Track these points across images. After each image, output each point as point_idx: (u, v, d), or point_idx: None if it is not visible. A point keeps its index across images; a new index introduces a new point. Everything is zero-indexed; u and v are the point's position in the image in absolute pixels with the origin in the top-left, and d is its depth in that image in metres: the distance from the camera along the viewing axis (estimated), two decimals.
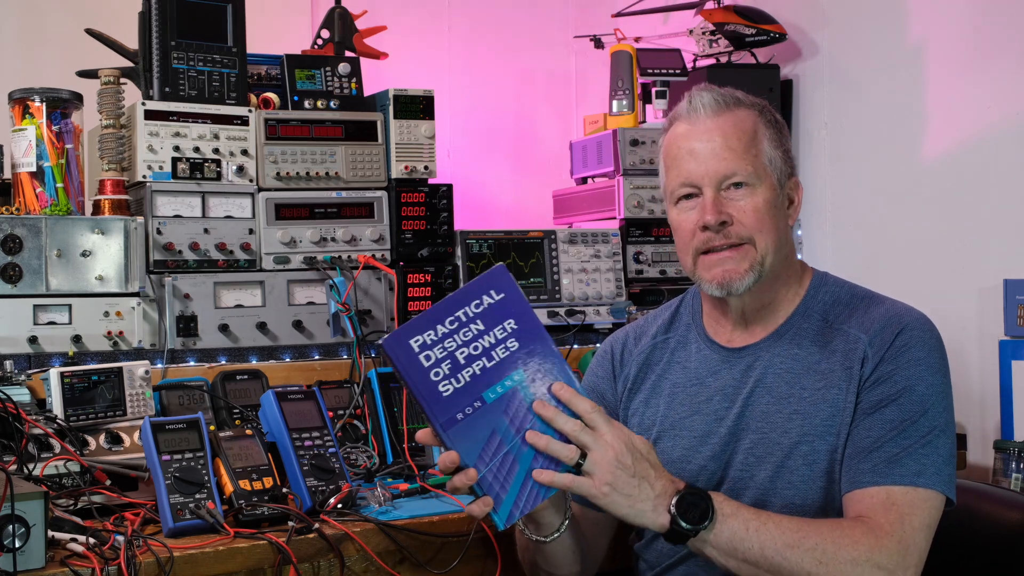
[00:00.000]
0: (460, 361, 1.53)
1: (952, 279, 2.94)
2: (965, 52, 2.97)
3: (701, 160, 1.73)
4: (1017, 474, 2.57)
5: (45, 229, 2.43)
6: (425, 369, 1.53)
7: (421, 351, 1.53)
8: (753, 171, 1.72)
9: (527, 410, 1.53)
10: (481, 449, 1.52)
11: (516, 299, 1.55)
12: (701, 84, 1.81)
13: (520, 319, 1.55)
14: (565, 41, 4.02)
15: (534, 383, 1.54)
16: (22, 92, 2.57)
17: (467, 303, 1.54)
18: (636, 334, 1.95)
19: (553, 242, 3.04)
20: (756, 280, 1.73)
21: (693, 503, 1.54)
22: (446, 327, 1.54)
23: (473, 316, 1.54)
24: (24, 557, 1.62)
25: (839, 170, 3.31)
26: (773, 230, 1.73)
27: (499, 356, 1.54)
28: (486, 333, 1.54)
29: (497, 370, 1.54)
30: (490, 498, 1.52)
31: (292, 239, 2.72)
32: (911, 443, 1.61)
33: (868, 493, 1.61)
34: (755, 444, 1.72)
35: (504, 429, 1.53)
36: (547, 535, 1.70)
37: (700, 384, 1.81)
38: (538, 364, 1.54)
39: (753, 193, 1.72)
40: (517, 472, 1.52)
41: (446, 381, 1.53)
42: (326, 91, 2.86)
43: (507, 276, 1.56)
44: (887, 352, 1.67)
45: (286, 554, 1.79)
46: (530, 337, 1.55)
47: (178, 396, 2.36)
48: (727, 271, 1.73)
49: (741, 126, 1.73)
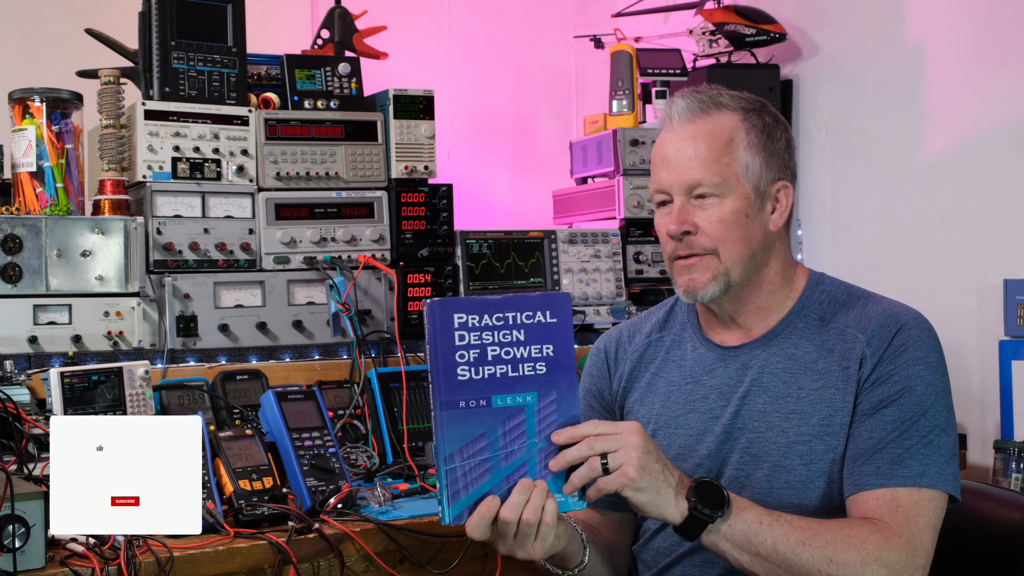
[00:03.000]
0: (488, 357, 1.54)
1: (952, 279, 2.94)
2: (965, 52, 2.96)
3: (671, 168, 1.74)
4: (1017, 474, 2.57)
5: (45, 229, 2.43)
6: (454, 347, 1.54)
7: (459, 328, 1.54)
8: (721, 180, 1.71)
9: (522, 433, 1.55)
10: (464, 445, 1.53)
11: (565, 330, 1.57)
12: (684, 89, 1.81)
13: (559, 349, 1.57)
14: (565, 41, 4.02)
15: (541, 414, 1.56)
16: (22, 92, 2.57)
17: (521, 310, 1.56)
18: (629, 332, 1.95)
19: (553, 242, 3.04)
20: (723, 290, 1.73)
21: (709, 491, 1.56)
22: (492, 320, 1.55)
23: (520, 324, 1.56)
24: (24, 557, 1.62)
25: (839, 170, 3.31)
26: (739, 240, 1.72)
27: (524, 371, 1.55)
28: (523, 345, 1.56)
29: (516, 383, 1.55)
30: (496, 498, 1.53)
31: (292, 239, 2.72)
32: (913, 443, 1.62)
33: (873, 495, 1.61)
34: (752, 444, 1.72)
35: (495, 438, 1.54)
36: (575, 567, 1.70)
37: (695, 382, 1.81)
38: (555, 398, 1.56)
39: (720, 203, 1.71)
40: (486, 481, 1.53)
41: (466, 367, 1.54)
42: (326, 91, 2.86)
43: (567, 305, 1.58)
44: (885, 352, 1.67)
45: (286, 554, 1.79)
46: (560, 370, 1.56)
47: (178, 396, 2.36)
48: (691, 279, 1.74)
49: (715, 133, 1.72)
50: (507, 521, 1.52)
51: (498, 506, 1.52)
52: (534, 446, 1.55)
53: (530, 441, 1.55)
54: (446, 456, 1.52)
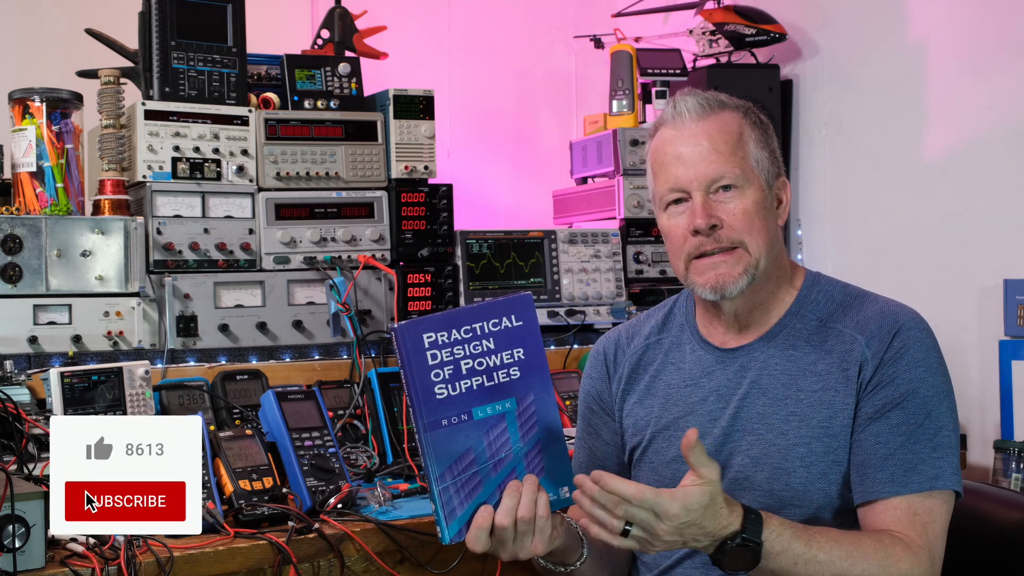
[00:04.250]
0: (462, 371, 1.55)
1: (952, 279, 2.94)
2: (965, 52, 2.97)
3: (688, 164, 1.72)
4: (1017, 474, 2.57)
5: (45, 229, 2.43)
6: (428, 367, 1.54)
7: (430, 348, 1.54)
8: (741, 173, 1.71)
9: (507, 440, 1.55)
10: (453, 462, 1.54)
11: (531, 331, 1.58)
12: (684, 89, 1.81)
13: (529, 351, 1.57)
14: (565, 41, 4.02)
15: (521, 417, 1.56)
16: (22, 92, 2.57)
17: (487, 319, 1.56)
18: (628, 334, 1.95)
19: (553, 242, 3.04)
20: (750, 282, 1.73)
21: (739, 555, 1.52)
22: (460, 334, 1.56)
23: (487, 333, 1.56)
24: (24, 557, 1.62)
25: (839, 170, 3.31)
26: (764, 231, 1.72)
27: (499, 379, 1.56)
28: (494, 353, 1.56)
29: (493, 392, 1.56)
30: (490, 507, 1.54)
31: (292, 239, 2.72)
32: (922, 447, 1.63)
33: (890, 504, 1.62)
34: (752, 446, 1.72)
35: (480, 450, 1.55)
36: (576, 561, 1.70)
37: (694, 385, 1.81)
38: (532, 399, 1.57)
39: (742, 195, 1.71)
40: (479, 495, 1.54)
41: (443, 385, 1.54)
42: (326, 91, 2.86)
43: (530, 306, 1.59)
44: (886, 355, 1.67)
45: (286, 554, 1.79)
46: (533, 371, 1.57)
47: (178, 396, 2.36)
48: (720, 275, 1.72)
49: (727, 128, 1.73)
50: (503, 526, 1.53)
51: (492, 515, 1.53)
52: (520, 450, 1.56)
53: (515, 446, 1.56)
54: (437, 476, 1.53)
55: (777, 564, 1.54)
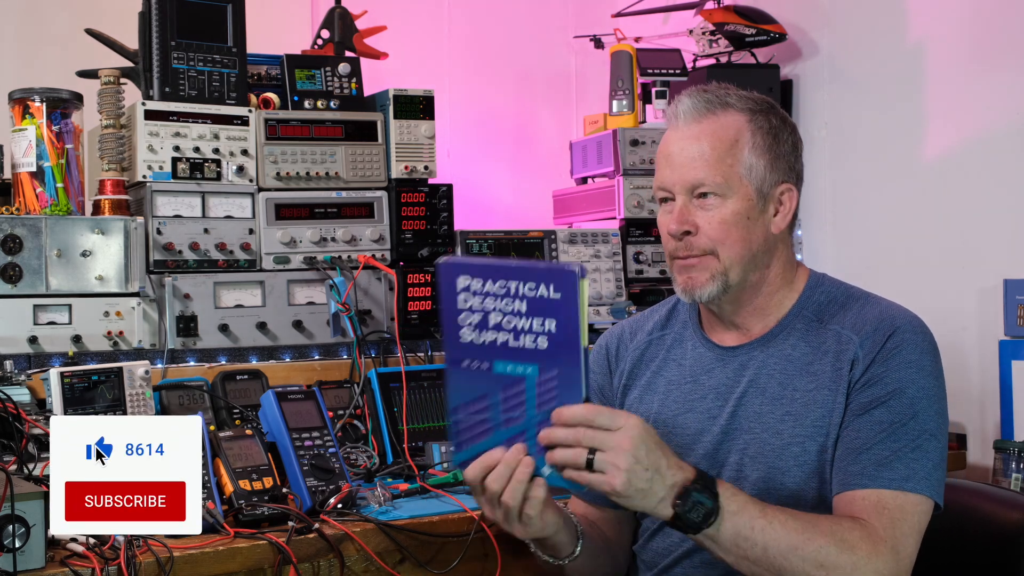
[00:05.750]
0: (489, 323, 1.51)
1: (952, 279, 2.93)
2: (965, 52, 2.96)
3: (675, 167, 1.73)
4: (1017, 474, 2.57)
5: (45, 229, 2.43)
6: (457, 308, 1.53)
7: (461, 291, 1.52)
8: (724, 181, 1.70)
9: (522, 403, 1.51)
10: (467, 402, 1.54)
11: (569, 306, 1.48)
12: (692, 87, 1.80)
13: (562, 325, 1.49)
14: (565, 41, 4.02)
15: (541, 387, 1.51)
16: (22, 92, 2.57)
17: (524, 280, 1.50)
18: (631, 330, 1.95)
19: (553, 242, 3.04)
20: (721, 290, 1.72)
21: (698, 501, 1.50)
22: (494, 287, 1.51)
23: (521, 295, 1.50)
24: (24, 557, 1.62)
25: (839, 170, 3.31)
26: (739, 241, 1.71)
27: (525, 343, 1.50)
28: (524, 316, 1.50)
29: (516, 353, 1.51)
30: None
31: (292, 239, 2.72)
32: (900, 446, 1.61)
33: (859, 495, 1.60)
34: (748, 445, 1.72)
35: (495, 403, 1.52)
36: (566, 556, 1.71)
37: (694, 382, 1.81)
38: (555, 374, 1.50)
39: (721, 204, 1.71)
40: (488, 439, 1.53)
41: (468, 329, 1.52)
42: (326, 91, 2.86)
43: (573, 281, 1.48)
44: (878, 354, 1.66)
45: (286, 554, 1.79)
46: (563, 347, 1.49)
47: (178, 396, 2.36)
48: (690, 279, 1.74)
49: (720, 134, 1.72)
50: (492, 491, 1.52)
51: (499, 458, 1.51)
52: (533, 418, 1.51)
53: (529, 412, 1.51)
54: (452, 408, 1.55)
55: (733, 525, 1.52)
